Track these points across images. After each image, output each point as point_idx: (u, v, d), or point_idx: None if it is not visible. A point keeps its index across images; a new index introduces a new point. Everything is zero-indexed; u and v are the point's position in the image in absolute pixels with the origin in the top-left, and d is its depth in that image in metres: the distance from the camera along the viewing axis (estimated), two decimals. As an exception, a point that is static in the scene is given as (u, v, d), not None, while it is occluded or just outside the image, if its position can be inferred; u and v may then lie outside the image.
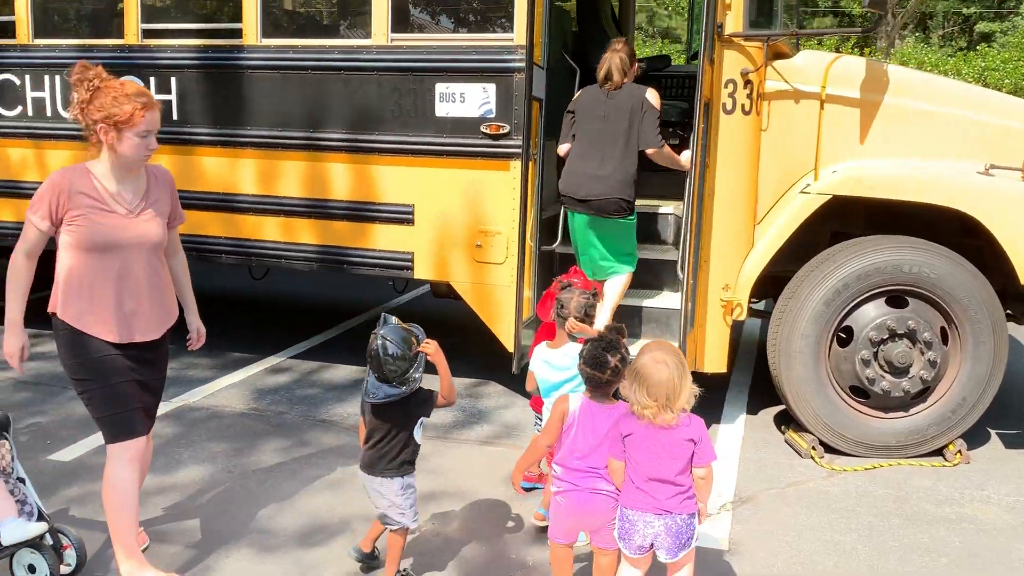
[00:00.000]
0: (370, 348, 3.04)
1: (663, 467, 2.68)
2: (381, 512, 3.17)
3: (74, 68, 2.96)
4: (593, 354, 2.89)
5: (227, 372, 5.74)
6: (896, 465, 4.48)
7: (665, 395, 2.64)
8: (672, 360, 2.68)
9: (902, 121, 4.50)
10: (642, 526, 2.73)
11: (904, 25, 23.70)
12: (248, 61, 5.19)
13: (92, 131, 2.94)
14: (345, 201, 5.14)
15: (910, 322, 4.40)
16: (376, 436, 3.12)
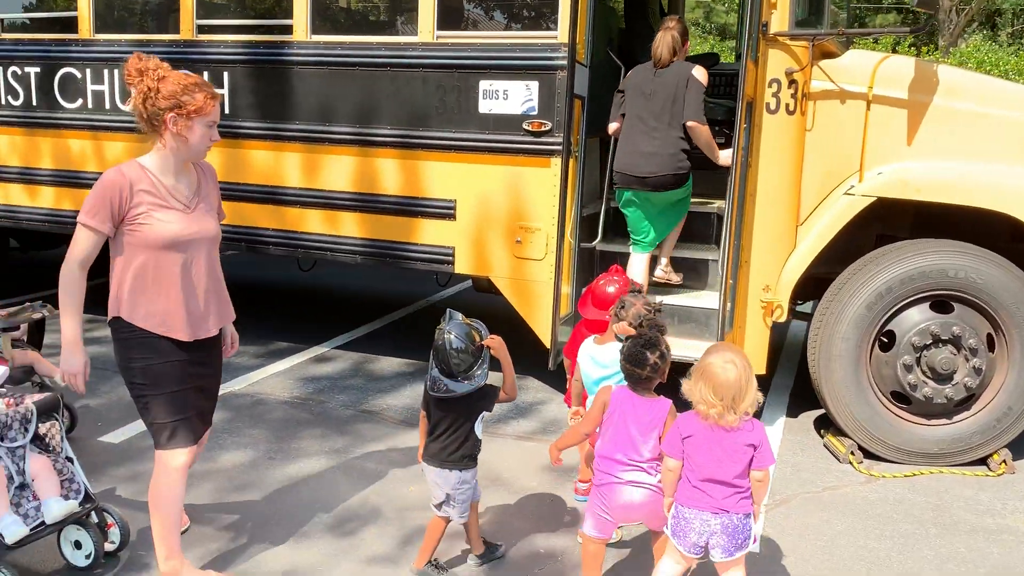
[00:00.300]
0: (436, 342, 3.11)
1: (722, 469, 2.70)
2: (435, 501, 3.24)
3: (131, 59, 2.89)
4: (633, 351, 2.93)
5: (272, 361, 5.88)
6: (937, 473, 4.41)
7: (731, 396, 2.65)
8: (740, 361, 2.69)
9: (951, 123, 4.40)
10: (699, 524, 2.74)
11: (969, 23, 23.03)
12: (298, 57, 5.30)
13: (159, 121, 2.85)
14: (389, 195, 5.22)
15: (955, 328, 4.31)
16: (439, 429, 3.19)
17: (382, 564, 3.40)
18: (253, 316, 7.05)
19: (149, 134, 2.92)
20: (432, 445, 3.21)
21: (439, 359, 3.11)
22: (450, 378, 3.10)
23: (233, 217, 5.61)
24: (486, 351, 3.15)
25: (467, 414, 3.18)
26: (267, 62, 5.39)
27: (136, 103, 2.86)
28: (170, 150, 2.91)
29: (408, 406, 5.13)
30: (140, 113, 2.87)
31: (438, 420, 3.19)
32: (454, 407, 3.16)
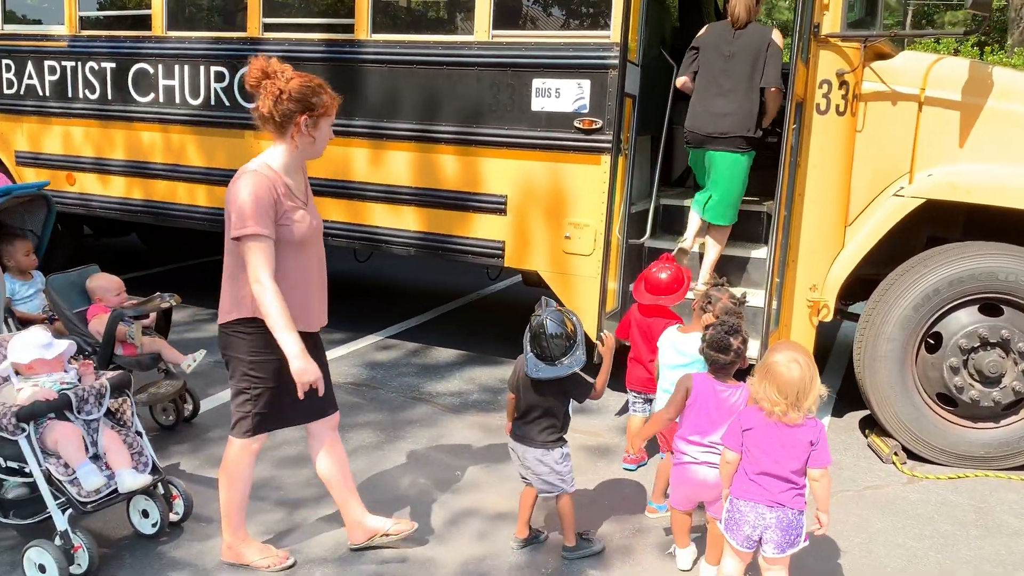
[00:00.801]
0: (532, 327, 3.27)
1: (781, 464, 2.75)
2: (542, 481, 3.39)
3: (255, 61, 2.92)
4: (717, 338, 3.07)
5: (331, 348, 6.09)
6: (983, 476, 4.39)
7: (796, 394, 2.69)
8: (804, 359, 2.74)
9: (1004, 125, 4.38)
10: (753, 517, 2.80)
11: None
12: (359, 55, 5.48)
13: (289, 122, 2.90)
14: (443, 190, 5.37)
15: (1003, 331, 4.29)
16: (534, 412, 3.35)
17: (431, 545, 3.55)
18: (311, 305, 7.30)
19: (274, 134, 2.97)
20: (528, 427, 3.36)
21: (535, 343, 3.25)
22: (545, 361, 3.24)
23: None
24: (580, 339, 3.27)
25: (561, 398, 3.34)
26: (330, 60, 5.59)
27: (264, 105, 2.89)
28: (299, 150, 2.98)
29: (457, 393, 5.29)
30: (269, 115, 2.90)
31: (532, 403, 3.34)
32: (549, 390, 3.31)
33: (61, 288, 4.35)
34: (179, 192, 6.22)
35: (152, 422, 4.50)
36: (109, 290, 4.48)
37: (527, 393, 3.35)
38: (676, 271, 4.19)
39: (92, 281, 4.49)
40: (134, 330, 4.25)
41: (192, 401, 4.59)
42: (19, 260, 4.56)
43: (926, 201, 4.39)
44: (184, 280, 7.91)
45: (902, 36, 4.81)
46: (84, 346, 3.94)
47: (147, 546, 3.41)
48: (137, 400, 3.86)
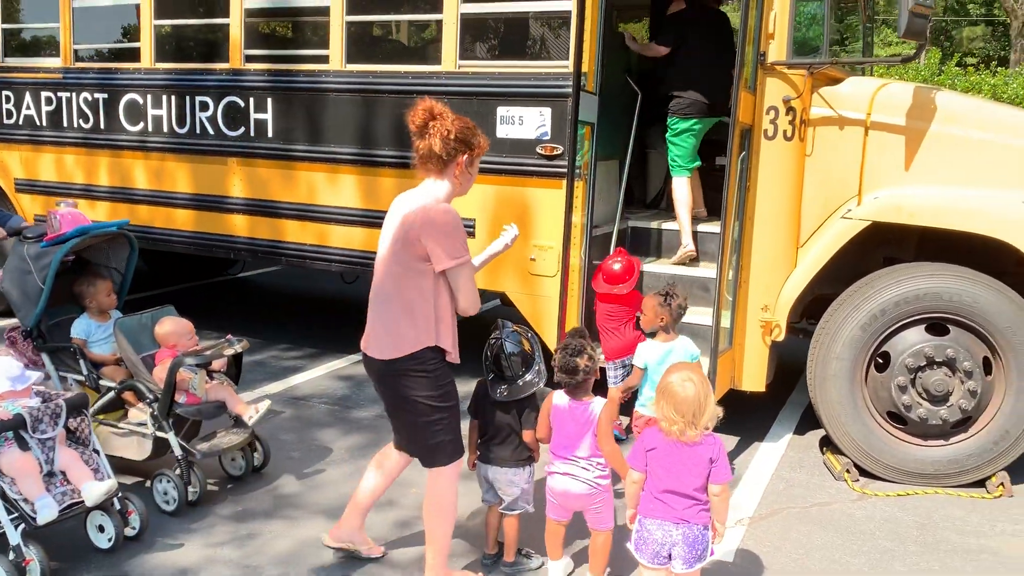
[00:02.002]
0: (490, 348, 3.38)
1: (683, 481, 2.86)
2: (510, 500, 3.46)
3: (422, 103, 3.10)
4: (564, 361, 3.26)
5: (313, 365, 6.27)
6: (932, 494, 4.46)
7: (692, 412, 2.81)
8: (698, 379, 2.87)
9: (949, 149, 4.47)
10: (660, 534, 2.90)
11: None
12: (334, 84, 5.69)
13: (453, 160, 3.08)
14: (413, 214, 5.53)
15: (949, 350, 4.37)
16: (502, 433, 3.43)
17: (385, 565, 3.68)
18: (300, 324, 7.50)
19: (435, 172, 3.12)
20: (499, 448, 3.44)
21: (495, 364, 3.37)
22: (507, 381, 3.36)
23: (275, 233, 6.06)
24: (539, 356, 3.39)
25: (525, 412, 3.44)
26: (307, 89, 5.80)
27: (433, 144, 3.04)
28: (458, 185, 3.17)
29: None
30: (436, 153, 3.05)
31: (499, 424, 3.43)
32: (511, 409, 3.41)
33: (130, 330, 4.19)
34: (167, 217, 6.44)
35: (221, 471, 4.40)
36: (179, 335, 4.26)
37: (492, 415, 3.44)
38: (627, 262, 4.72)
39: (160, 327, 4.29)
40: (196, 380, 4.05)
41: (263, 450, 4.41)
42: (100, 301, 4.38)
43: (873, 223, 4.49)
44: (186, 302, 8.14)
45: (844, 63, 4.92)
46: (146, 393, 3.97)
47: (103, 560, 3.58)
48: (198, 450, 4.00)
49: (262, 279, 9.55)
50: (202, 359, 4.01)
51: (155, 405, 3.97)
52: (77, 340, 4.26)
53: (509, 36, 5.82)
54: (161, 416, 3.95)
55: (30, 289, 4.11)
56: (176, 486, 3.92)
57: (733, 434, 5.16)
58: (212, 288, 8.88)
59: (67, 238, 4.13)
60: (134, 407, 4.17)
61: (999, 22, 29.78)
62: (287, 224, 6.02)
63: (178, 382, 3.98)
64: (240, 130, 6.05)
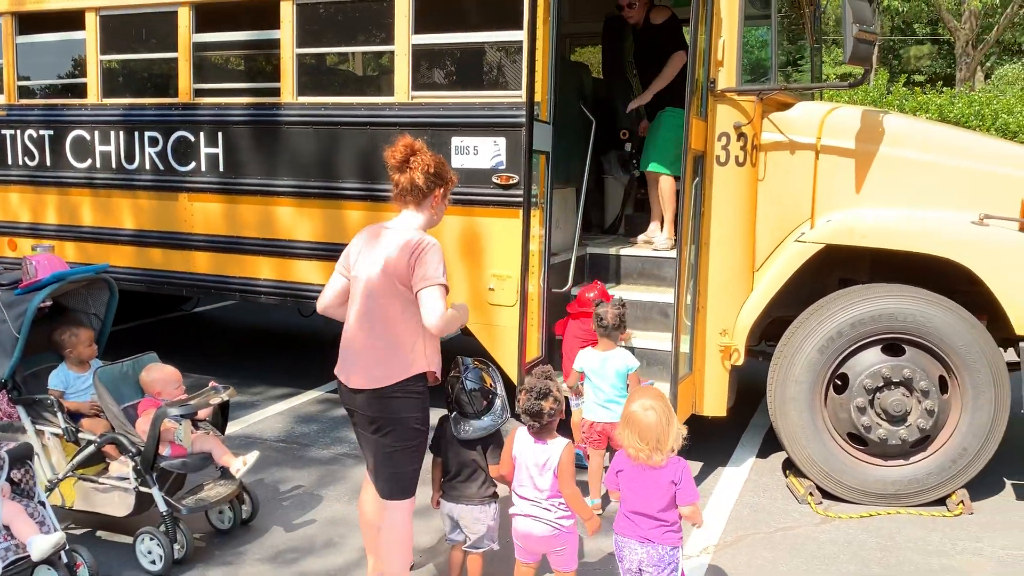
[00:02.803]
0: (450, 388, 3.37)
1: (649, 503, 2.95)
2: (476, 538, 3.42)
3: (403, 139, 3.28)
4: (530, 406, 3.19)
5: (270, 403, 6.15)
6: (894, 514, 4.47)
7: (656, 438, 2.91)
8: (659, 405, 2.95)
9: (898, 171, 4.54)
10: (628, 552, 3.01)
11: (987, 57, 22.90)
12: (285, 116, 5.63)
13: (431, 193, 3.24)
14: (369, 247, 5.48)
15: (905, 370, 4.41)
16: (468, 469, 3.40)
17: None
18: (255, 360, 7.36)
19: (413, 204, 3.26)
20: (465, 486, 3.41)
21: (457, 401, 3.36)
22: (469, 417, 3.35)
23: (228, 268, 5.95)
24: (500, 392, 3.39)
25: (490, 449, 3.42)
26: (258, 122, 5.73)
27: (415, 178, 3.20)
28: (434, 216, 3.32)
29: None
30: (416, 187, 3.21)
31: (463, 461, 3.39)
32: (476, 445, 3.38)
33: (110, 380, 3.98)
34: (116, 254, 6.30)
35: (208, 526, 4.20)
36: (166, 383, 4.09)
37: (456, 453, 3.41)
38: (601, 291, 4.92)
39: (146, 374, 4.11)
40: (182, 431, 3.90)
41: (251, 501, 4.22)
42: (80, 351, 4.20)
43: (826, 245, 4.53)
44: (137, 340, 7.96)
45: (793, 89, 4.99)
46: (128, 446, 3.77)
47: (50, 615, 3.44)
48: (184, 505, 3.82)
49: (216, 314, 9.39)
50: (188, 409, 3.82)
51: (138, 458, 3.77)
52: (54, 392, 4.06)
53: (462, 66, 5.82)
54: (145, 470, 3.77)
55: (4, 339, 3.91)
56: (161, 544, 3.72)
57: (697, 459, 5.14)
58: (164, 325, 8.71)
59: (43, 284, 3.96)
60: (115, 460, 3.98)
61: (944, 40, 30.64)
62: (240, 259, 5.92)
63: (162, 433, 3.79)
64: (191, 165, 5.96)
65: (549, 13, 4.80)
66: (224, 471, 4.04)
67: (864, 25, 4.09)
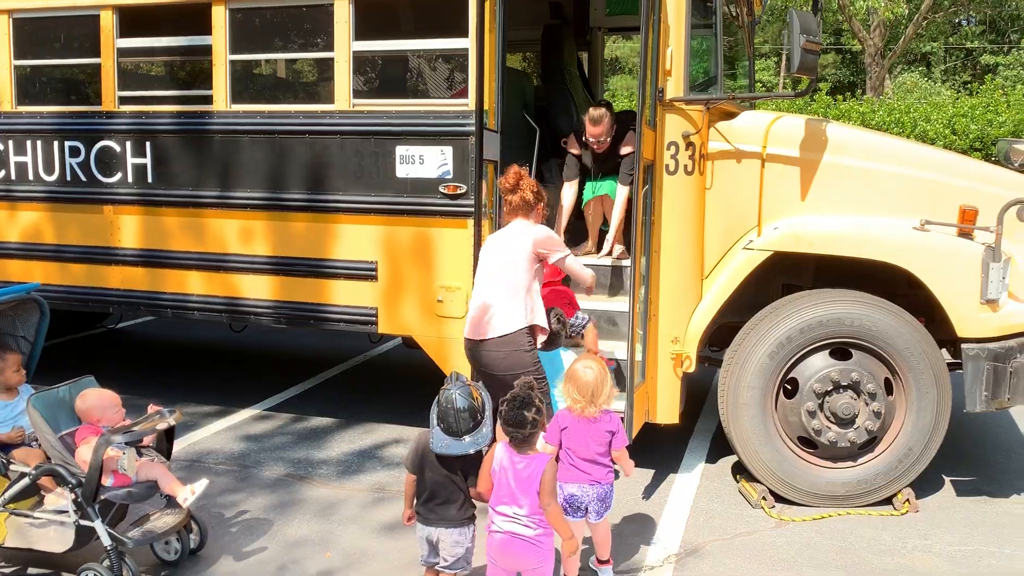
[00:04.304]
0: (440, 401, 3.29)
1: (590, 450, 3.52)
2: (453, 560, 3.32)
3: (512, 168, 4.22)
4: (511, 414, 3.09)
5: (207, 423, 5.89)
6: (845, 515, 4.56)
7: (591, 392, 3.47)
8: (597, 366, 3.54)
9: (841, 178, 4.65)
10: (580, 494, 3.55)
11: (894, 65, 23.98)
12: (218, 126, 5.41)
13: (535, 207, 4.20)
14: (311, 259, 5.32)
15: (853, 374, 4.50)
16: (446, 489, 3.30)
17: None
18: (188, 377, 7.07)
19: (523, 214, 4.19)
20: (444, 508, 3.31)
21: (443, 417, 3.25)
22: (452, 436, 3.23)
23: (158, 283, 5.69)
24: (487, 416, 3.31)
25: (471, 471, 3.32)
26: (189, 131, 5.50)
27: (526, 196, 4.17)
28: (541, 218, 4.26)
29: (340, 465, 5.18)
30: (528, 203, 4.17)
31: (440, 481, 3.29)
32: (455, 465, 3.28)
33: (45, 407, 3.73)
34: (37, 271, 5.94)
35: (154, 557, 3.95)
36: (104, 408, 3.86)
37: (434, 470, 3.30)
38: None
39: (82, 401, 3.87)
40: (125, 460, 3.66)
41: (199, 530, 4.01)
42: (8, 377, 3.98)
43: (773, 253, 4.60)
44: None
45: (740, 99, 5.06)
46: (68, 477, 3.52)
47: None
48: (130, 538, 3.58)
49: (141, 329, 9.00)
50: (133, 436, 3.59)
51: (79, 490, 3.52)
52: None
53: (406, 74, 5.71)
54: (86, 502, 3.52)
55: None
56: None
57: (648, 466, 5.15)
58: (85, 343, 8.29)
59: None
60: (51, 492, 3.70)
61: (847, 50, 31.91)
62: (171, 274, 5.66)
63: (105, 462, 3.55)
64: (116, 176, 5.67)
65: (496, 21, 4.74)
66: (170, 499, 3.82)
67: (810, 35, 4.16)
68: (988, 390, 4.40)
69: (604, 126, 5.20)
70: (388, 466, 5.19)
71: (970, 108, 8.11)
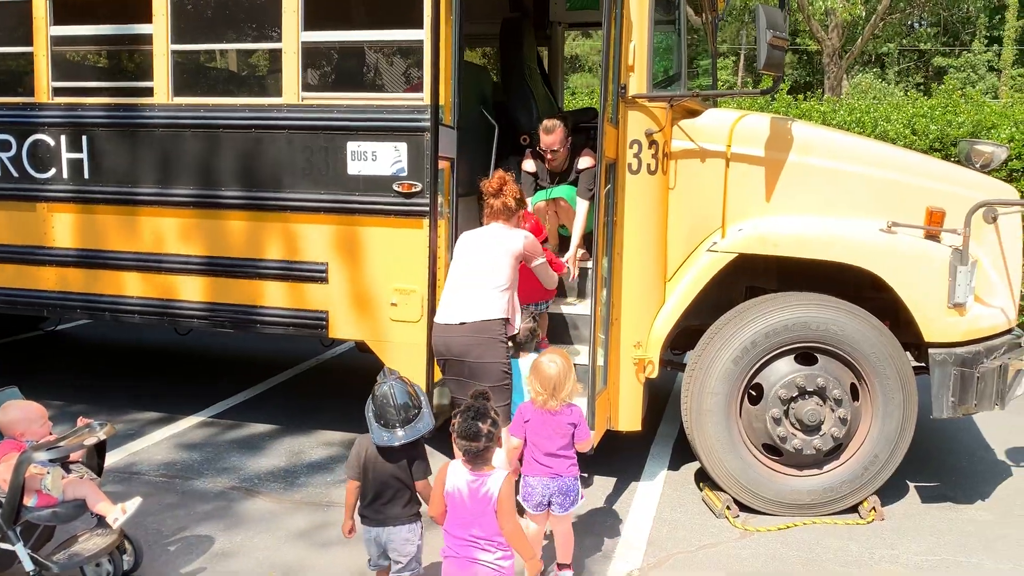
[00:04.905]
0: (376, 397, 3.27)
1: (553, 442, 3.53)
2: (406, 560, 3.28)
3: (498, 172, 4.29)
4: (465, 426, 2.92)
5: (147, 432, 5.61)
6: (811, 524, 4.45)
7: (553, 386, 3.49)
8: (561, 361, 3.54)
9: (807, 179, 4.53)
10: (541, 488, 3.54)
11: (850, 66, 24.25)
12: (159, 119, 5.13)
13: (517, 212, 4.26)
14: (257, 260, 5.06)
15: (819, 379, 4.39)
16: (391, 488, 3.26)
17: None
18: (131, 382, 6.76)
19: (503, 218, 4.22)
20: (389, 507, 3.26)
21: (382, 413, 3.24)
22: (397, 427, 3.23)
23: (95, 285, 5.39)
24: (425, 404, 3.37)
25: (409, 465, 3.30)
26: (128, 125, 5.20)
27: (508, 203, 4.20)
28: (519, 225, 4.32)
29: (285, 476, 4.94)
30: (509, 209, 4.21)
31: (386, 480, 3.25)
32: (400, 459, 3.26)
33: None
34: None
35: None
36: (28, 421, 3.58)
37: (379, 470, 3.25)
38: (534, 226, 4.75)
39: (3, 414, 3.59)
40: (49, 480, 3.38)
41: (133, 550, 3.74)
42: None
43: (739, 255, 4.46)
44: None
45: (705, 95, 4.92)
46: None
47: None
48: (55, 563, 3.29)
49: (85, 331, 8.63)
50: (59, 452, 3.33)
51: None
52: None
53: (358, 66, 5.47)
54: (6, 524, 3.26)
55: None
56: None
57: (609, 475, 5.00)
58: (19, 347, 7.91)
59: None
60: None
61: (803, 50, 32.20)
62: (108, 275, 5.36)
63: (27, 481, 3.28)
64: (50, 172, 5.36)
65: (452, 11, 4.54)
66: (101, 519, 3.56)
67: (776, 31, 4.03)
68: (955, 396, 4.32)
69: (557, 136, 5.01)
70: (337, 476, 4.97)
71: (929, 108, 8.09)
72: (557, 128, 5.01)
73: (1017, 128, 7.72)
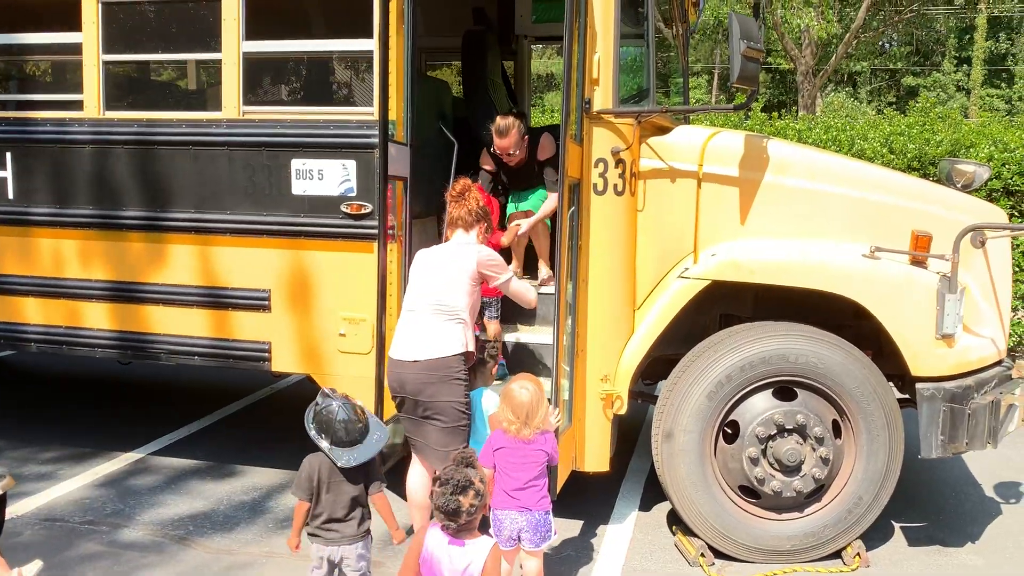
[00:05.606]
0: (320, 419, 3.19)
1: (525, 473, 3.37)
2: None
3: (462, 179, 4.05)
4: (444, 502, 2.69)
5: (75, 472, 5.18)
6: (791, 572, 4.12)
7: (526, 413, 3.36)
8: (533, 387, 3.41)
9: (783, 200, 4.24)
10: (508, 522, 3.38)
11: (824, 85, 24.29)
12: (89, 135, 4.75)
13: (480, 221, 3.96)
14: (193, 286, 4.69)
15: (799, 416, 4.07)
16: (344, 506, 3.18)
17: None
18: (64, 415, 6.31)
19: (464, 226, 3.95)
20: (343, 525, 3.20)
21: (331, 433, 3.17)
22: (347, 446, 3.17)
23: (16, 315, 5.00)
24: (372, 417, 3.31)
25: (364, 480, 3.25)
26: (55, 140, 4.83)
27: (472, 208, 3.94)
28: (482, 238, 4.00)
29: (224, 520, 4.53)
30: (475, 216, 3.94)
31: (342, 500, 3.18)
32: (355, 476, 3.20)
33: None
34: None
35: None
36: None
37: (334, 490, 3.19)
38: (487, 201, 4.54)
39: None
40: None
41: None
42: None
43: (712, 282, 4.15)
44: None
45: (676, 112, 4.63)
46: None
47: None
48: None
49: (19, 359, 8.15)
50: None
51: None
52: None
53: (304, 79, 5.13)
54: None
55: None
56: None
57: (575, 517, 4.65)
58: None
59: None
60: None
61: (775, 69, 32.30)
62: (30, 303, 4.97)
63: None
64: (-30, 191, 4.95)
65: (403, 21, 4.21)
66: None
67: (751, 42, 3.74)
68: (945, 434, 4.01)
69: (512, 138, 4.68)
70: (282, 520, 4.57)
71: (907, 127, 7.87)
72: (512, 129, 4.65)
73: (995, 147, 7.52)
